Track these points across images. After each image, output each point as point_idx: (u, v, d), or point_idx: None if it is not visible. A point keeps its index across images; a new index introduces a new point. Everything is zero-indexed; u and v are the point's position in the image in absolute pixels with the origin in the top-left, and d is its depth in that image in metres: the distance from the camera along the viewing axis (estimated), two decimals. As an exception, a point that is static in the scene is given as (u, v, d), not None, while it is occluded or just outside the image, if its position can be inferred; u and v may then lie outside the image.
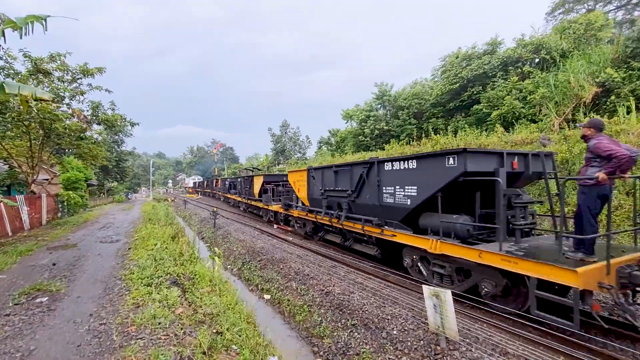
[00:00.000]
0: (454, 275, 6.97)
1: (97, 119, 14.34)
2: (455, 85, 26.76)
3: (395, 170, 8.02)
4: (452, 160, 6.27)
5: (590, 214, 5.09)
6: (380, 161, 8.61)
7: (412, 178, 7.45)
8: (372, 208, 8.98)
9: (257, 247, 13.92)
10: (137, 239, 11.83)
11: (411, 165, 7.48)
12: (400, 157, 7.84)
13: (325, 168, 11.81)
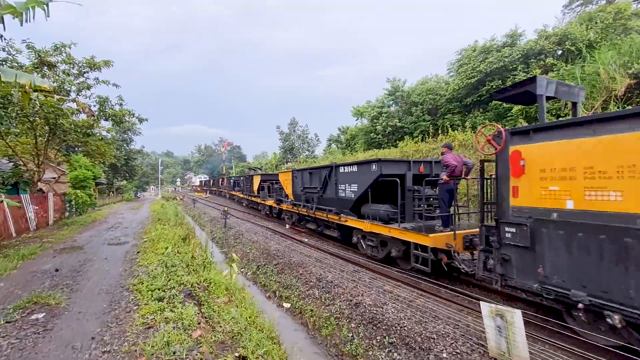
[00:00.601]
0: (378, 246, 9.69)
1: (104, 115, 13.64)
2: (472, 80, 25.57)
3: (346, 173, 10.76)
4: (374, 167, 9.08)
5: (443, 202, 7.80)
6: (337, 165, 11.42)
7: (354, 178, 10.21)
8: (333, 201, 11.75)
9: (271, 249, 13.09)
10: (147, 241, 11.07)
11: (354, 169, 10.25)
12: (348, 163, 10.71)
13: (303, 170, 14.54)
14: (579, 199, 4.51)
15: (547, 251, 4.93)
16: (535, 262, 5.12)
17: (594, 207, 4.35)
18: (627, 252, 3.95)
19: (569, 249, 4.65)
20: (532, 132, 5.18)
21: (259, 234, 16.80)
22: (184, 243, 12.74)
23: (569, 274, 4.67)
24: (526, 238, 5.14)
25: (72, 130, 13.57)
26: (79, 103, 9.46)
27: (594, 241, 4.34)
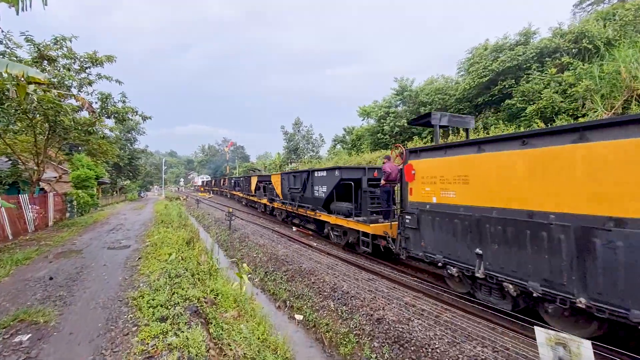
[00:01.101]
0: (341, 235, 11.89)
1: (106, 112, 13.02)
2: (484, 79, 24.81)
3: (319, 176, 13.03)
4: (337, 172, 11.44)
5: (383, 200, 10.12)
6: (313, 170, 13.70)
7: (324, 181, 12.47)
8: (310, 199, 13.88)
9: (279, 254, 12.41)
10: (149, 246, 10.43)
11: (324, 174, 12.54)
12: (320, 169, 13.02)
13: (289, 173, 16.84)
14: (438, 196, 6.83)
15: (424, 230, 7.27)
16: (420, 238, 7.44)
17: (444, 201, 6.67)
18: (456, 228, 6.37)
19: (433, 228, 6.98)
20: (419, 151, 7.43)
21: (265, 237, 16.13)
22: (188, 247, 12.10)
23: (434, 244, 7.03)
24: (415, 222, 7.46)
25: (72, 128, 12.95)
26: (78, 98, 8.85)
27: (444, 222, 6.68)
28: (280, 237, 16.12)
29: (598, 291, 4.35)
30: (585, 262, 4.45)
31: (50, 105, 10.49)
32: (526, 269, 5.23)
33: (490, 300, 6.48)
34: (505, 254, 5.54)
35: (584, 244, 4.46)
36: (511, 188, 5.38)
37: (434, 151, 6.96)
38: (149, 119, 14.12)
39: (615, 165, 4.15)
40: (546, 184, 4.90)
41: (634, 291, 4.02)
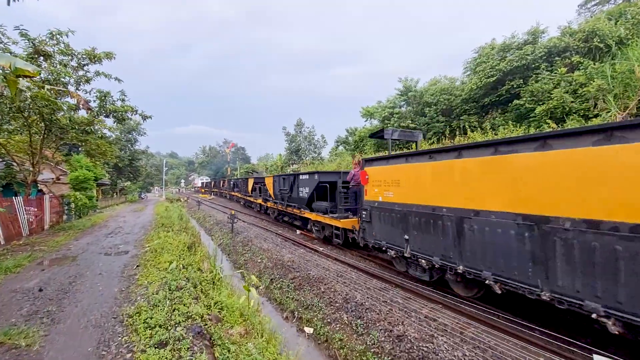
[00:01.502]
0: (321, 229, 13.49)
1: (104, 110, 12.43)
2: (491, 79, 24.23)
3: (302, 179, 14.75)
4: (316, 176, 13.47)
5: (353, 200, 11.63)
6: (298, 174, 15.61)
7: (306, 183, 14.22)
8: (296, 199, 15.58)
9: (285, 260, 11.81)
10: (149, 252, 9.82)
11: (307, 177, 14.38)
12: (303, 173, 14.97)
13: (280, 176, 18.76)
14: (382, 196, 8.45)
15: (374, 223, 8.93)
16: (372, 229, 9.11)
17: (386, 200, 8.34)
18: (393, 220, 8.12)
19: (380, 221, 8.65)
20: (372, 160, 9.14)
21: (269, 241, 15.53)
22: (190, 252, 11.50)
23: (380, 233, 8.71)
24: (368, 217, 9.16)
25: (69, 128, 12.35)
26: (73, 94, 8.27)
27: (386, 216, 8.39)
28: (284, 241, 15.52)
29: (467, 260, 6.27)
30: (460, 240, 6.35)
31: (45, 103, 9.90)
32: (432, 247, 7.15)
33: (416, 273, 8.26)
34: (421, 238, 7.45)
35: (459, 228, 6.34)
36: (423, 190, 7.28)
37: (381, 160, 8.77)
38: (149, 119, 13.51)
39: (476, 175, 6.00)
40: (441, 187, 6.75)
41: (484, 258, 5.92)
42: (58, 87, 9.66)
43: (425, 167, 7.10)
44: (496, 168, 5.64)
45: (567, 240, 4.59)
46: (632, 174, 3.89)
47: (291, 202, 16.27)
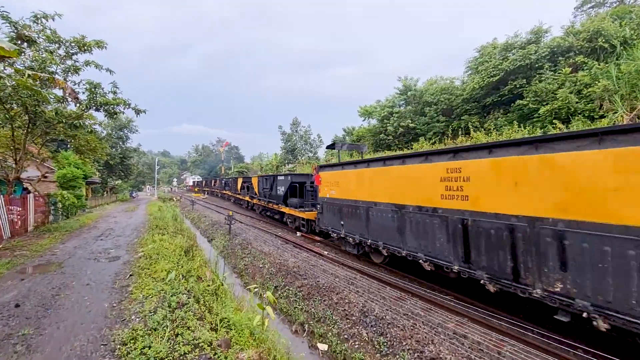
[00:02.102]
0: (294, 221, 16.22)
1: (94, 103, 11.39)
2: (494, 78, 23.75)
3: (279, 179, 17.80)
4: (289, 178, 16.72)
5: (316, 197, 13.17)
6: (276, 175, 18.94)
7: (282, 183, 17.16)
8: (275, 196, 18.29)
9: (289, 265, 11.00)
10: (143, 258, 8.91)
11: (282, 178, 17.50)
12: (280, 174, 18.34)
13: (263, 176, 21.75)
14: (329, 193, 11.13)
15: (325, 214, 11.58)
16: (323, 219, 11.79)
17: (331, 196, 11.14)
18: (334, 211, 11.00)
19: (327, 212, 11.41)
20: (325, 167, 11.76)
21: (268, 243, 14.69)
22: (187, 258, 10.61)
23: (328, 222, 11.42)
24: (321, 209, 11.80)
25: (56, 121, 11.29)
26: (59, 82, 7.31)
27: (331, 208, 11.14)
28: (284, 243, 14.70)
29: (372, 236, 9.10)
30: (367, 223, 9.31)
31: (28, 93, 8.88)
32: (355, 229, 9.93)
33: (348, 248, 11.14)
34: (349, 223, 10.26)
35: (367, 214, 9.22)
36: (350, 189, 10.14)
37: (327, 167, 11.76)
38: (143, 113, 12.52)
39: (374, 179, 8.82)
40: (359, 187, 9.67)
41: (380, 233, 8.89)
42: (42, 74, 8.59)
43: (352, 173, 10.13)
44: (383, 175, 8.65)
45: (411, 218, 7.71)
46: (422, 182, 7.33)
47: (271, 199, 19.21)
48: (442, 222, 6.80)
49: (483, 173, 5.92)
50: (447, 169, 6.61)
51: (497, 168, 5.68)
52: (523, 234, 5.24)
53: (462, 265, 6.42)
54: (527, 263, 5.22)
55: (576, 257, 4.53)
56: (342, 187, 10.50)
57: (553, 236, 4.80)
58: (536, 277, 5.10)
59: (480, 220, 5.99)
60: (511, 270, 5.51)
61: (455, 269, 6.57)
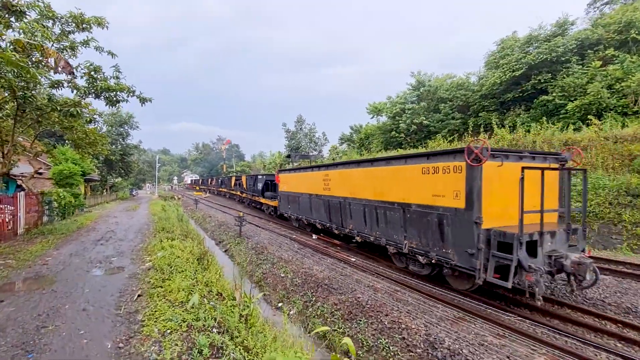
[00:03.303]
0: (267, 208, 22.26)
1: (94, 89, 9.78)
2: (516, 73, 22.31)
3: (259, 178, 24.00)
4: (265, 177, 23.25)
5: None
6: (257, 175, 25.96)
7: (261, 180, 23.25)
8: (257, 190, 23.70)
9: (316, 274, 9.51)
10: (152, 269, 7.38)
11: (261, 177, 23.75)
12: (260, 174, 27.25)
13: (249, 175, 29.15)
14: (285, 189, 17.11)
15: (283, 202, 17.60)
16: (282, 206, 17.83)
17: (285, 190, 17.11)
18: (289, 200, 16.66)
19: (285, 201, 17.25)
20: (281, 171, 18.11)
21: (284, 248, 13.19)
22: (201, 266, 9.09)
23: (285, 208, 17.27)
24: (279, 199, 18.17)
25: (49, 108, 9.68)
26: (48, 51, 5.82)
27: (287, 198, 16.95)
28: (302, 247, 13.21)
29: (302, 213, 15.25)
30: (299, 204, 15.38)
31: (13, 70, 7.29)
32: (298, 211, 15.47)
33: (294, 224, 16.74)
34: (293, 206, 15.96)
35: (308, 201, 14.09)
36: (292, 185, 15.93)
37: (283, 171, 17.38)
38: (149, 102, 10.95)
39: (309, 179, 14.01)
40: (299, 183, 15.25)
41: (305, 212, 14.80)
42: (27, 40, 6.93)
43: (293, 175, 16.25)
44: (304, 177, 14.35)
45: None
46: (316, 181, 13.29)
47: (254, 193, 24.79)
48: (323, 202, 12.73)
49: (336, 177, 11.77)
50: (325, 175, 12.54)
51: (340, 175, 11.46)
52: (340, 204, 11.56)
53: (325, 224, 12.90)
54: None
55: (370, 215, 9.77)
56: (289, 184, 16.59)
57: (354, 205, 10.63)
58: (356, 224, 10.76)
59: (332, 199, 12.02)
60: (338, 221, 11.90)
61: (325, 225, 12.92)
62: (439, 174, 6.90)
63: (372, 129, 35.79)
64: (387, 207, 8.61)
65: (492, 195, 6.19)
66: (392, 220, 8.49)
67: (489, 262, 5.97)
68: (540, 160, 6.93)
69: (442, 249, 6.91)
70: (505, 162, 6.28)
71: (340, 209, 11.27)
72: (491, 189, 6.16)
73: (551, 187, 6.52)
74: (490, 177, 6.11)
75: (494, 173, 6.17)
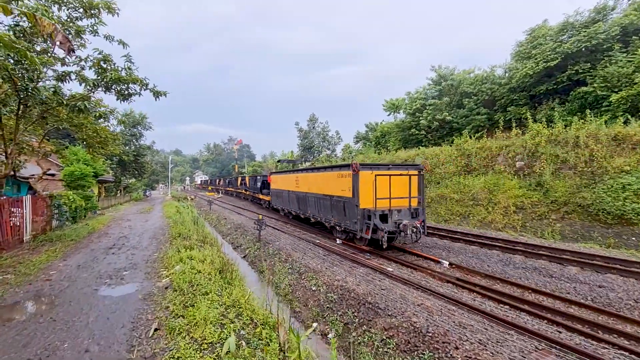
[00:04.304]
0: (264, 202, 25.98)
1: (104, 80, 8.64)
2: (551, 63, 20.54)
3: (257, 178, 28.97)
4: (261, 177, 27.74)
5: None
6: (257, 175, 31.70)
7: (259, 180, 27.78)
8: (256, 188, 28.28)
9: (354, 289, 8.16)
10: (171, 290, 6.18)
11: (259, 177, 28.84)
12: (258, 175, 33.14)
13: (250, 176, 33.49)
14: (275, 187, 20.56)
15: (274, 197, 21.10)
16: (272, 201, 21.48)
17: (275, 188, 20.69)
18: (279, 196, 19.73)
19: (275, 196, 20.81)
20: (272, 173, 22.01)
21: (309, 254, 11.84)
22: (224, 279, 7.87)
23: (276, 202, 20.52)
24: (271, 195, 21.93)
25: (54, 102, 8.61)
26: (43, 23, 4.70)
27: (277, 195, 20.16)
28: (327, 253, 11.84)
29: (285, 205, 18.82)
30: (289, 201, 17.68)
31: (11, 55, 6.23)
32: (284, 204, 18.94)
33: (282, 213, 20.22)
34: (280, 200, 19.57)
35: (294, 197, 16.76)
36: (279, 183, 19.71)
37: (273, 173, 21.53)
38: (164, 95, 9.83)
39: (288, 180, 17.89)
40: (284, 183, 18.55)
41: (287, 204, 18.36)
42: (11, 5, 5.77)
43: (280, 176, 19.82)
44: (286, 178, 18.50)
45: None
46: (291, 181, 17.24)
47: (254, 190, 29.01)
48: (295, 195, 16.36)
49: (301, 178, 15.66)
50: (296, 177, 16.41)
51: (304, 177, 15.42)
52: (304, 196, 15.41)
53: (297, 211, 16.49)
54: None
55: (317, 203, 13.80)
56: (277, 183, 20.05)
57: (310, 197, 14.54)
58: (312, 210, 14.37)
59: (299, 193, 15.76)
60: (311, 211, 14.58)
61: (297, 212, 16.60)
62: (342, 178, 11.15)
63: (389, 127, 34.25)
64: (324, 197, 12.88)
65: (367, 190, 10.14)
66: (326, 206, 12.81)
67: (364, 226, 10.20)
68: (404, 169, 10.95)
69: (346, 221, 11.20)
70: (375, 171, 10.35)
71: (304, 200, 15.33)
72: (366, 187, 10.11)
73: (413, 184, 10.75)
74: (366, 180, 10.14)
75: (368, 178, 10.17)
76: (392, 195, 10.00)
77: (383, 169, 10.59)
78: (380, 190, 9.93)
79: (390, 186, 9.98)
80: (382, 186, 9.97)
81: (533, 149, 17.50)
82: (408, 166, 11.17)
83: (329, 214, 12.47)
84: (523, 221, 16.10)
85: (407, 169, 10.88)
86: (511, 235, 14.63)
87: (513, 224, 16.13)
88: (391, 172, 10.46)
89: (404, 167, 11.11)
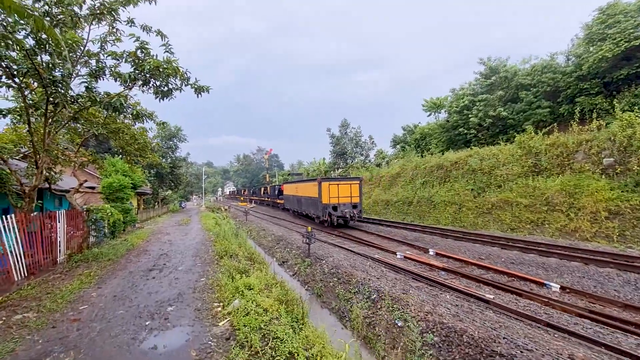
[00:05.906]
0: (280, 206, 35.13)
1: (143, 72, 7.23)
2: (631, 44, 17.33)
3: (276, 187, 38.84)
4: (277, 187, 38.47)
5: None
6: (273, 185, 43.85)
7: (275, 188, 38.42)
8: (274, 195, 38.59)
9: (462, 328, 5.95)
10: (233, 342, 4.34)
11: (276, 185, 39.89)
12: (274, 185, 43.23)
13: (271, 185, 45.00)
14: (287, 192, 28.40)
15: (287, 201, 28.35)
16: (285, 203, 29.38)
17: (287, 193, 28.27)
18: (290, 199, 26.81)
19: (287, 200, 28.08)
20: (285, 183, 32.83)
21: (373, 273, 9.71)
22: (291, 316, 5.94)
23: (287, 204, 28.14)
24: (284, 199, 30.28)
25: (86, 100, 7.27)
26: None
27: (289, 198, 27.30)
28: (397, 273, 9.68)
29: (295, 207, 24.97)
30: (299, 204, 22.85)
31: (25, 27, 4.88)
32: (295, 206, 24.36)
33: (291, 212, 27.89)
34: (292, 203, 25.94)
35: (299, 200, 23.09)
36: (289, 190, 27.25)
37: (286, 183, 31.11)
38: (206, 92, 8.32)
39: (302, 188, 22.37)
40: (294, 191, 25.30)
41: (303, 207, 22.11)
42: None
43: (290, 185, 27.30)
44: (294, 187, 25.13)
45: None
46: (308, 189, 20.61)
47: (274, 197, 37.21)
48: (296, 198, 23.71)
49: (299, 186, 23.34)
50: (296, 186, 24.12)
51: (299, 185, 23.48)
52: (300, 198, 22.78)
53: (298, 210, 23.56)
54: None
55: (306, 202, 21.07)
56: (287, 190, 27.47)
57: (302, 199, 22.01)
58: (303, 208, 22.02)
59: (298, 196, 23.07)
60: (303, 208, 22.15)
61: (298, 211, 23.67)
62: (314, 186, 18.23)
63: (430, 128, 31.56)
64: (309, 198, 19.76)
65: (328, 193, 17.14)
66: (308, 204, 19.85)
67: (324, 214, 17.07)
68: (349, 180, 18.09)
69: (317, 212, 18.00)
70: (331, 182, 17.47)
71: (300, 201, 22.13)
72: (328, 191, 17.13)
73: (354, 189, 17.66)
74: (326, 188, 17.18)
75: (327, 186, 17.28)
76: (340, 195, 17.19)
77: (334, 181, 17.51)
78: (333, 193, 17.10)
79: (338, 190, 17.18)
80: (334, 190, 17.16)
81: (626, 143, 14.40)
82: (352, 178, 18.32)
83: (312, 208, 19.37)
84: (620, 229, 13.04)
85: (351, 180, 18.01)
86: (614, 247, 11.77)
87: (606, 232, 13.18)
88: (339, 182, 17.56)
89: (349, 179, 18.31)
